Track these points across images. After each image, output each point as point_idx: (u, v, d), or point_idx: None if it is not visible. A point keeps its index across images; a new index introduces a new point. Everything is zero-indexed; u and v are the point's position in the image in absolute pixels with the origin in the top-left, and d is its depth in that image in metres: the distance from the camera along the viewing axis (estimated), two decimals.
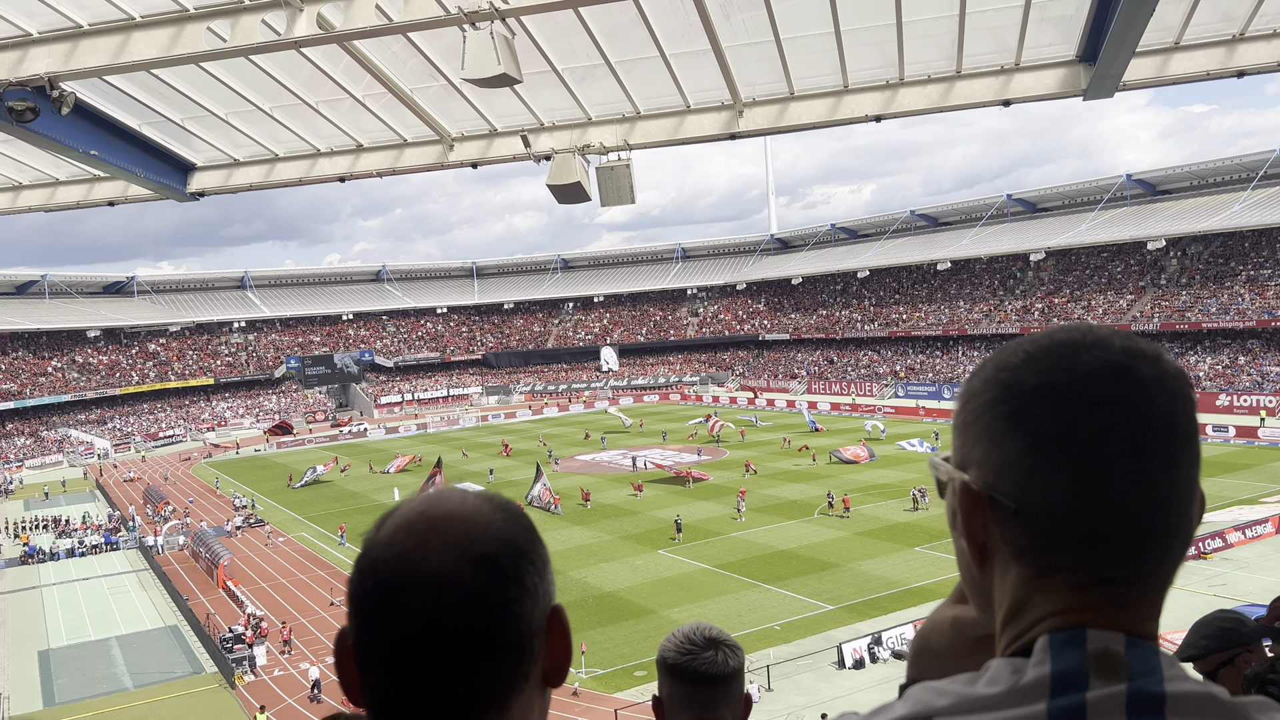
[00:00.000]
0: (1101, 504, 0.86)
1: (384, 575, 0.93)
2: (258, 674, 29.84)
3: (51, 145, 8.83)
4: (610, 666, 27.35)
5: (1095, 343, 0.89)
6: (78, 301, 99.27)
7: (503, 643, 0.93)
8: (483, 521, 0.95)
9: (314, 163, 10.62)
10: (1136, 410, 0.86)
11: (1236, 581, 30.74)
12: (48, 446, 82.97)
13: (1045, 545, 0.89)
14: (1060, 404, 0.87)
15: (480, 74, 7.47)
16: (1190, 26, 8.07)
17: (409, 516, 0.96)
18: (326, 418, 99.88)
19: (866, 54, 8.79)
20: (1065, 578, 0.89)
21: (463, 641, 0.91)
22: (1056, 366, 0.89)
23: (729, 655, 2.23)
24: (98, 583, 42.28)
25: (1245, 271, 74.59)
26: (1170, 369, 0.89)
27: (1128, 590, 0.89)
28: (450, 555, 0.92)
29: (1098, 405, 0.86)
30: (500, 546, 0.94)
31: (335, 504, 54.36)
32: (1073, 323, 0.94)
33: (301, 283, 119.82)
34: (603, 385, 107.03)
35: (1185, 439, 0.88)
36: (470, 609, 0.91)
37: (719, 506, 45.95)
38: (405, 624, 0.91)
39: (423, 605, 0.91)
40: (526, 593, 0.95)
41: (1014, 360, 0.92)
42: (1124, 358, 0.88)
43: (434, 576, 0.91)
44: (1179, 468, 0.87)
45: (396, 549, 0.94)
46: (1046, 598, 0.90)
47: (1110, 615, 0.88)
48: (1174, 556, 0.89)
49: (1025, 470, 0.89)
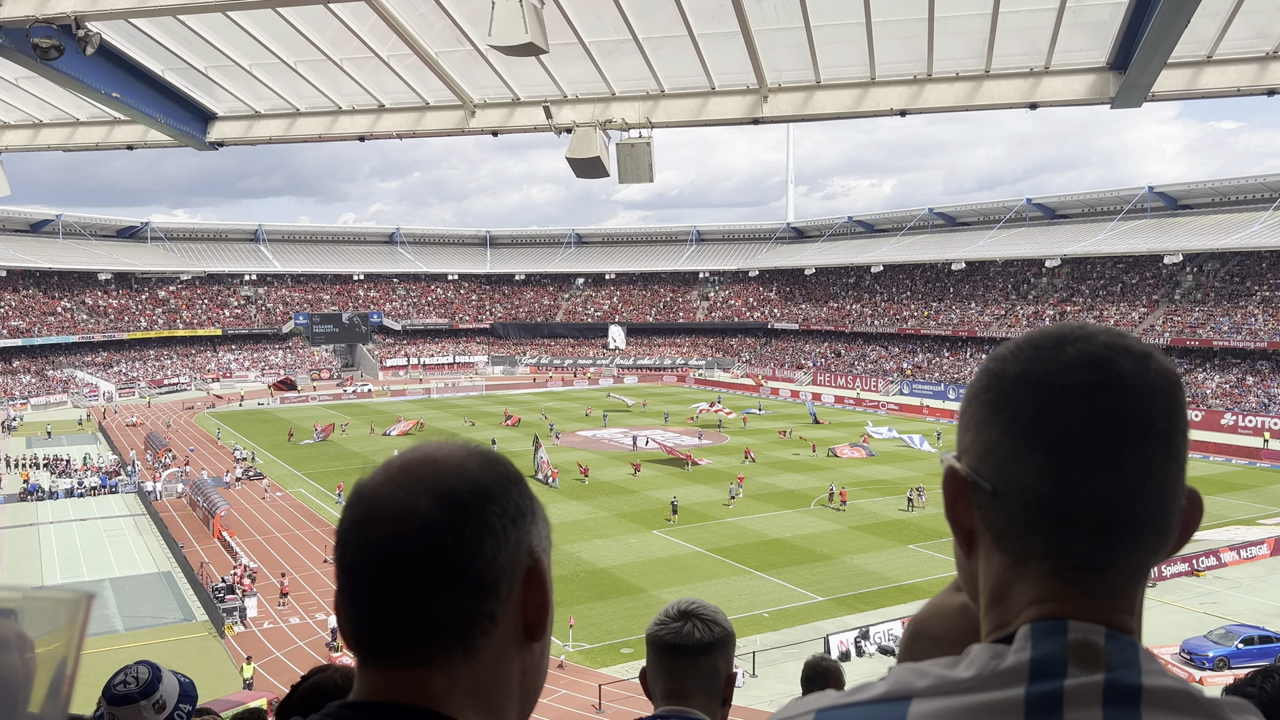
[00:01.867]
0: (1072, 489, 0.88)
1: (357, 510, 0.98)
2: (248, 625, 30.08)
3: (74, 85, 8.81)
4: (598, 642, 27.48)
5: (1080, 337, 0.92)
6: (90, 243, 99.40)
7: (459, 576, 0.95)
8: (453, 463, 0.99)
9: (335, 120, 10.59)
10: (1111, 400, 0.88)
11: (1227, 600, 30.77)
12: (53, 386, 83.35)
13: (1020, 529, 0.92)
14: (1037, 390, 0.90)
15: (507, 41, 7.43)
16: (1224, 41, 7.98)
17: (392, 461, 1.01)
18: (332, 375, 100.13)
19: (896, 47, 8.72)
20: (1040, 564, 0.91)
21: (417, 571, 0.94)
22: (1039, 356, 0.92)
23: (698, 628, 2.24)
24: (94, 524, 42.58)
25: (1261, 292, 74.20)
26: (1155, 366, 0.91)
27: (1099, 578, 0.90)
28: (414, 489, 0.96)
29: (1073, 393, 0.88)
30: (464, 484, 0.97)
31: (335, 462, 54.62)
32: (1072, 322, 0.96)
33: (314, 240, 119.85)
34: (608, 363, 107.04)
35: (1162, 435, 0.89)
36: (423, 539, 0.94)
37: (716, 491, 46.06)
38: (366, 554, 0.96)
39: (381, 534, 0.95)
40: (490, 531, 0.97)
41: (1004, 351, 0.95)
42: (1105, 350, 0.90)
43: (395, 508, 0.96)
44: (1152, 462, 0.89)
45: (372, 488, 0.99)
46: (1025, 584, 0.92)
47: (1086, 605, 0.90)
48: (1145, 547, 0.90)
49: (1003, 454, 0.92)
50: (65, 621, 0.76)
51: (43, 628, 0.75)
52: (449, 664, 0.96)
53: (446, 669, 0.96)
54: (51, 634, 0.76)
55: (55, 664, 0.75)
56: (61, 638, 0.76)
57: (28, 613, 0.76)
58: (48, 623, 0.76)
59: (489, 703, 0.98)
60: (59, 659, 0.75)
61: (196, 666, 25.13)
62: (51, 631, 0.76)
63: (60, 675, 0.75)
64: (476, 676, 0.97)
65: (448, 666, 0.96)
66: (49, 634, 0.76)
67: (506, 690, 1.00)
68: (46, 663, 0.74)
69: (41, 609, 0.77)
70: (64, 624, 0.76)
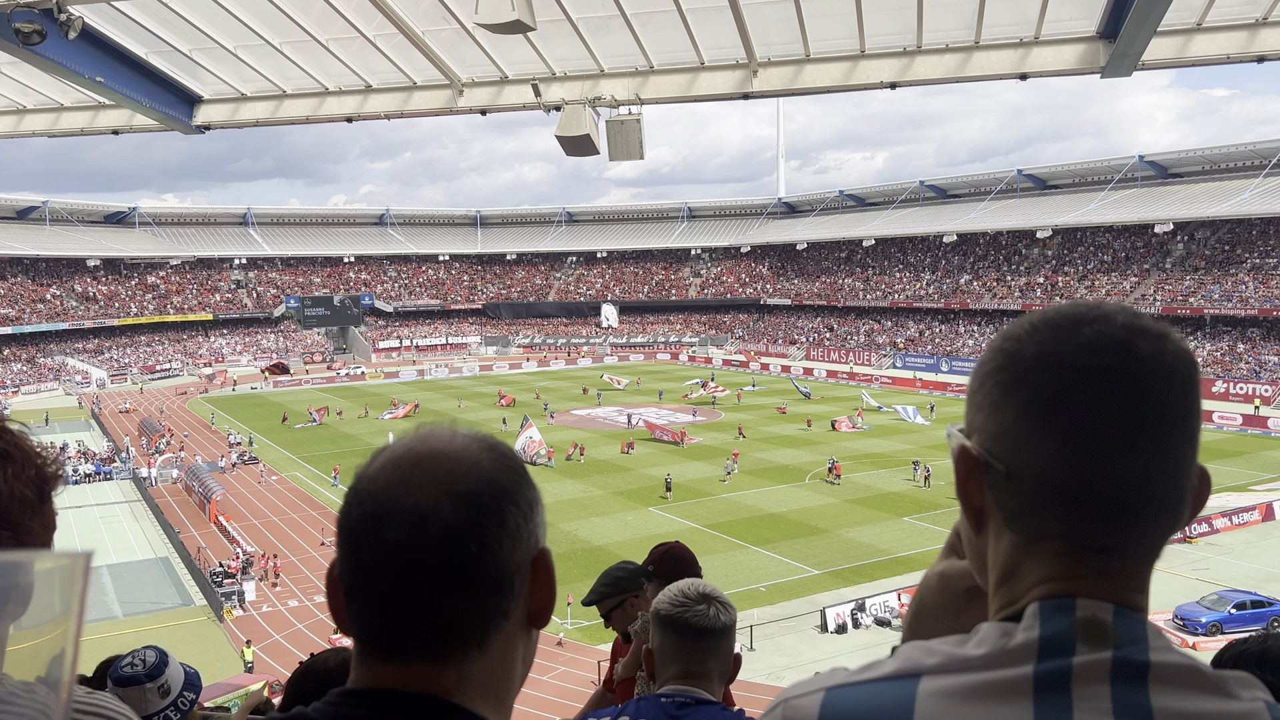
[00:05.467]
0: (1088, 472, 0.88)
1: (368, 508, 0.96)
2: (246, 609, 30.16)
3: (57, 69, 8.72)
4: (596, 619, 27.50)
5: (1098, 317, 0.91)
6: (78, 230, 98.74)
7: (480, 580, 0.95)
8: (467, 459, 0.98)
9: (322, 101, 10.51)
10: (1129, 383, 0.88)
11: (1219, 567, 31.01)
12: (44, 374, 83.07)
13: (1034, 510, 0.92)
14: (1055, 372, 0.89)
15: (494, 19, 7.38)
16: (1214, 8, 7.94)
17: (398, 452, 0.99)
18: (324, 359, 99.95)
19: (885, 19, 8.67)
20: (1053, 544, 0.92)
21: (439, 575, 0.93)
22: (1056, 337, 0.91)
23: (721, 611, 2.29)
24: (90, 511, 42.53)
25: (1251, 259, 74.35)
26: (1172, 348, 0.90)
27: (1112, 559, 0.91)
28: (432, 491, 0.95)
29: (1091, 375, 0.88)
30: (482, 485, 0.96)
31: (330, 445, 54.59)
32: (1086, 300, 0.95)
33: (304, 222, 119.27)
34: (601, 341, 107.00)
35: (1178, 418, 0.89)
36: (447, 544, 0.93)
37: (710, 467, 46.17)
38: (384, 556, 0.94)
39: (402, 538, 0.93)
40: (507, 532, 0.96)
41: (1019, 331, 0.94)
42: (1123, 332, 0.89)
43: (414, 511, 0.94)
44: (1169, 445, 0.89)
45: (382, 483, 0.97)
46: (1035, 563, 0.93)
47: (1096, 584, 0.90)
48: (1158, 529, 0.91)
49: (1018, 435, 0.91)
50: (61, 607, 0.66)
51: (37, 615, 0.65)
52: (463, 660, 0.96)
53: (460, 665, 0.96)
54: (49, 623, 0.65)
55: (57, 647, 0.66)
56: (58, 627, 0.66)
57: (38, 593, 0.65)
58: (43, 609, 0.66)
59: (497, 692, 0.99)
60: (60, 644, 0.66)
61: (196, 651, 25.22)
62: (49, 621, 0.65)
63: (61, 657, 0.66)
64: (487, 669, 0.97)
65: (461, 662, 0.96)
66: (47, 623, 0.65)
67: (512, 678, 1.01)
68: (47, 640, 0.65)
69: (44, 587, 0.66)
70: (60, 611, 0.66)
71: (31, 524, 1.20)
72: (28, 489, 1.19)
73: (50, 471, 1.24)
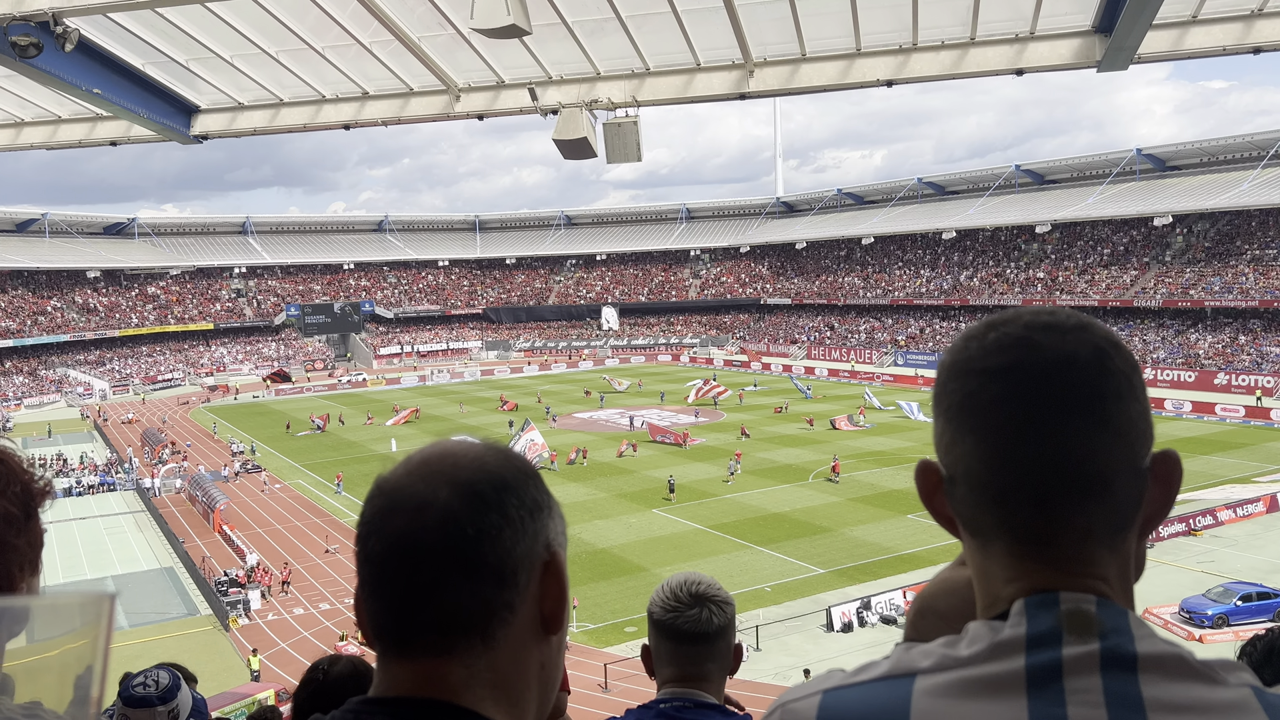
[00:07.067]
0: (1000, 466, 0.92)
1: (378, 503, 1.00)
2: (252, 618, 30.16)
3: (54, 82, 8.73)
4: (602, 621, 27.63)
5: (1006, 320, 0.97)
6: (78, 241, 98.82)
7: (479, 566, 0.97)
8: (471, 456, 1.02)
9: (319, 109, 10.52)
10: (1025, 377, 0.92)
11: (1225, 559, 30.98)
12: (46, 386, 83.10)
13: (975, 511, 0.96)
14: (963, 377, 0.96)
15: (489, 24, 7.38)
16: (1209, 0, 7.95)
17: (412, 456, 1.04)
18: (325, 367, 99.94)
19: (880, 16, 8.67)
20: (1001, 542, 0.95)
21: (436, 560, 0.96)
22: (966, 346, 0.97)
23: (714, 612, 2.20)
24: (94, 522, 42.54)
25: (1250, 251, 74.31)
26: (1080, 337, 0.93)
27: (1049, 549, 0.93)
28: (433, 481, 0.99)
29: (991, 375, 0.93)
30: (482, 476, 0.99)
31: (333, 453, 54.59)
32: (1021, 306, 0.98)
33: (303, 230, 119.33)
34: (602, 344, 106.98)
35: (1085, 403, 0.91)
36: (443, 528, 0.96)
37: (713, 468, 46.15)
38: (387, 544, 0.98)
39: (402, 524, 0.97)
40: (508, 521, 0.99)
41: (952, 344, 1.00)
42: (1024, 331, 0.94)
43: (415, 499, 0.98)
44: (1077, 430, 0.90)
45: (393, 482, 1.01)
46: (995, 563, 0.96)
47: (1054, 577, 0.92)
48: (1094, 516, 0.92)
49: (948, 442, 0.97)
50: (83, 623, 0.72)
51: (57, 629, 0.73)
52: (468, 654, 0.97)
53: (466, 660, 0.97)
54: (70, 634, 0.72)
55: (80, 666, 0.71)
56: (84, 637, 0.72)
57: (39, 616, 0.74)
58: (63, 624, 0.73)
59: (508, 694, 0.99)
60: (84, 663, 0.71)
61: (203, 660, 25.21)
62: (70, 632, 0.72)
63: (88, 679, 0.72)
64: (495, 667, 0.98)
65: (467, 657, 0.97)
66: (67, 634, 0.72)
67: (525, 682, 1.01)
68: (68, 663, 0.71)
69: (55, 612, 0.74)
70: (80, 625, 0.72)
71: (17, 541, 1.19)
72: (14, 506, 1.19)
73: (37, 488, 1.23)
